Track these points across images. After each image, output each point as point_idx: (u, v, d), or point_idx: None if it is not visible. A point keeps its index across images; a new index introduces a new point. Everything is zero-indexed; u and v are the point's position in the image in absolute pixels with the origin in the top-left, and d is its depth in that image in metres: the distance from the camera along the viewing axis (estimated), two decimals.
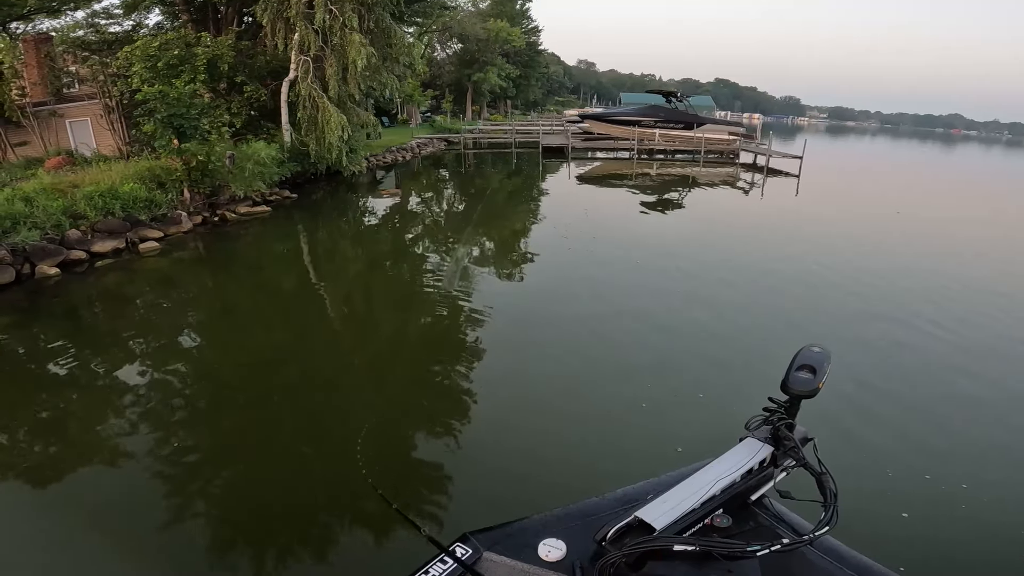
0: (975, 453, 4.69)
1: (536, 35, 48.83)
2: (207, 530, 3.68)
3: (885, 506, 3.86)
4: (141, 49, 14.12)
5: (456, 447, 4.61)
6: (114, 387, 5.59)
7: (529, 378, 5.93)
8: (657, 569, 0.99)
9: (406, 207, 16.73)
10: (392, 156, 24.55)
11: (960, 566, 3.47)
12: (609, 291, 8.72)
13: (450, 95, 40.00)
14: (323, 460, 4.45)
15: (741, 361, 6.15)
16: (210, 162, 11.95)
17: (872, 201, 20.09)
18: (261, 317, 7.95)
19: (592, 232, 12.66)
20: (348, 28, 14.08)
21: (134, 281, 9.31)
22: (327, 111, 14.59)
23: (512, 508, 0.97)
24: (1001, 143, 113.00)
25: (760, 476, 1.28)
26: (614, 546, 1.04)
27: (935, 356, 6.74)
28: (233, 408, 5.33)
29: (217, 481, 4.22)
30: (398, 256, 11.57)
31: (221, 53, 14.75)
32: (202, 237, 11.72)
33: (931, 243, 13.49)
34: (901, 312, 8.08)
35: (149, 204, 11.32)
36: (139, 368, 6.01)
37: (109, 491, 4.04)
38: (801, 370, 1.29)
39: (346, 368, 6.34)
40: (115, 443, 4.59)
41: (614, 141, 29.82)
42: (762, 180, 22.51)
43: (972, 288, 9.65)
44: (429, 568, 1.00)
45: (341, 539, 3.64)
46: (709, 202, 18.15)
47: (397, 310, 8.40)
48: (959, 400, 5.58)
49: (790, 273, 9.93)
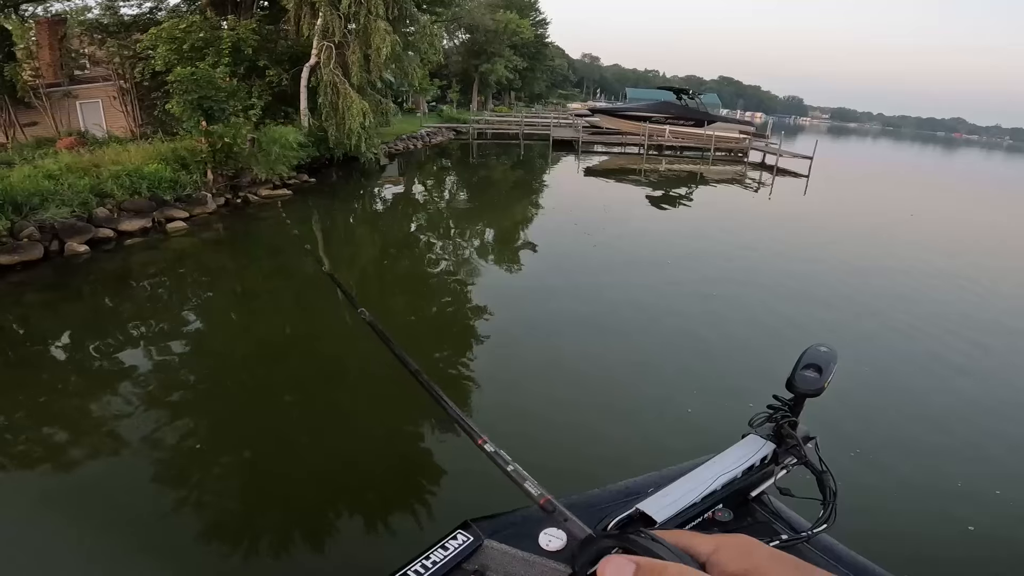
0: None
1: (544, 27, 48.61)
2: (207, 516, 3.70)
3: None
4: (167, 31, 14.12)
5: (456, 443, 4.50)
6: (136, 364, 5.61)
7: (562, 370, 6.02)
8: None
9: (424, 195, 16.83)
10: (403, 144, 24.57)
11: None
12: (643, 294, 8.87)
13: (457, 85, 39.85)
14: (327, 447, 4.46)
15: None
16: (235, 144, 11.99)
17: (884, 203, 20.28)
18: (278, 299, 8.00)
19: (614, 230, 12.70)
20: (374, 15, 14.07)
21: (163, 260, 9.40)
22: (349, 97, 14.62)
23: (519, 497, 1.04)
24: (1002, 148, 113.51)
25: (761, 473, 1.28)
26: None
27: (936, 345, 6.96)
28: (241, 394, 5.35)
29: (204, 465, 4.22)
30: (407, 244, 11.62)
31: (245, 37, 14.73)
32: (226, 218, 11.80)
33: (951, 245, 13.67)
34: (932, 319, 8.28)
35: (174, 184, 11.38)
36: (162, 347, 6.08)
37: (125, 473, 4.07)
38: (807, 369, 1.29)
39: (350, 356, 6.34)
40: (126, 420, 4.62)
41: (623, 136, 29.86)
42: (771, 179, 22.66)
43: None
44: (430, 554, 1.00)
45: (341, 528, 3.64)
46: (728, 200, 18.30)
47: (406, 296, 8.46)
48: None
49: (812, 274, 10.10)
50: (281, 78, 16.09)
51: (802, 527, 1.19)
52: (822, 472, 1.25)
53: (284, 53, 16.73)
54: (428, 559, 0.99)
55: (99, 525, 3.54)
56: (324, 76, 14.71)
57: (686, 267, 9.87)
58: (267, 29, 16.75)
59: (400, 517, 3.70)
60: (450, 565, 0.99)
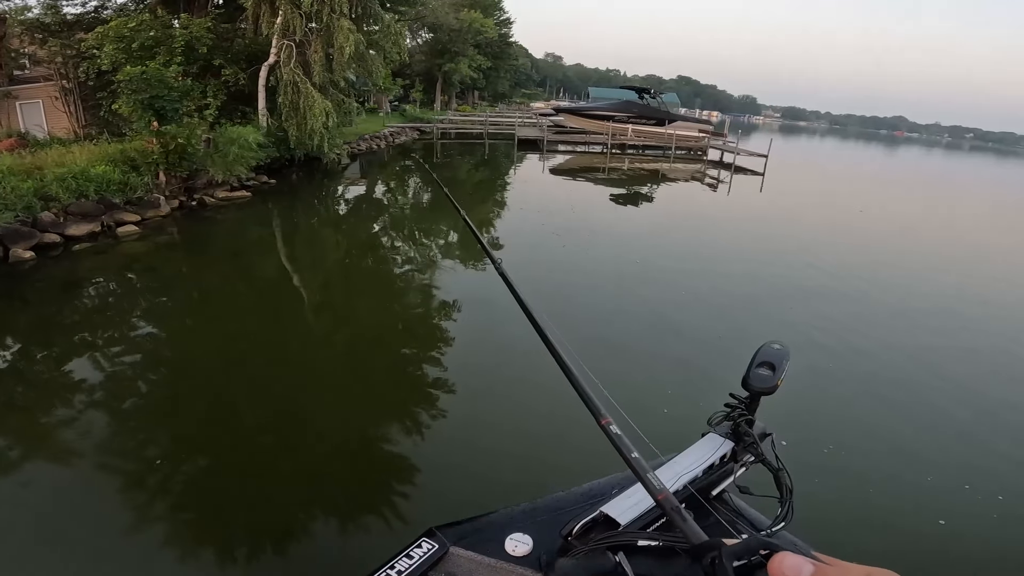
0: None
1: (508, 27, 48.70)
2: (170, 525, 3.60)
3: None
4: (115, 29, 13.52)
5: (435, 440, 4.58)
6: (89, 375, 5.38)
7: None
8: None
9: (387, 195, 16.62)
10: (366, 144, 24.21)
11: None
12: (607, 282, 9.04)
13: (420, 84, 39.50)
14: (290, 451, 4.39)
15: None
16: (189, 145, 11.58)
17: (836, 199, 21.24)
18: (238, 305, 7.78)
19: (582, 227, 12.89)
20: (337, 13, 13.80)
21: (114, 265, 8.99)
22: (311, 96, 14.30)
23: (484, 501, 1.03)
24: (941, 145, 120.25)
25: (721, 471, 1.29)
26: (580, 541, 1.04)
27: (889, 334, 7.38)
28: (203, 397, 5.21)
29: (169, 474, 4.10)
30: (378, 245, 11.50)
31: (199, 35, 14.24)
32: (181, 221, 11.37)
33: (901, 241, 14.45)
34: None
35: (123, 187, 10.91)
36: (117, 356, 5.85)
37: (71, 482, 3.94)
38: (761, 367, 1.31)
39: (320, 356, 6.27)
40: (83, 433, 4.45)
41: (587, 135, 30.22)
42: (729, 177, 23.38)
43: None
44: (395, 563, 0.98)
45: (305, 535, 3.59)
46: (689, 198, 18.78)
47: (373, 299, 8.36)
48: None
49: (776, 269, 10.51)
50: (238, 77, 15.60)
51: (762, 525, 1.21)
52: (778, 470, 1.27)
53: (241, 52, 16.24)
54: (393, 568, 0.97)
55: (53, 543, 3.38)
56: (284, 75, 14.34)
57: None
58: (223, 27, 16.21)
59: (365, 525, 3.67)
60: (416, 575, 0.98)
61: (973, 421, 5.34)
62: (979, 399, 5.82)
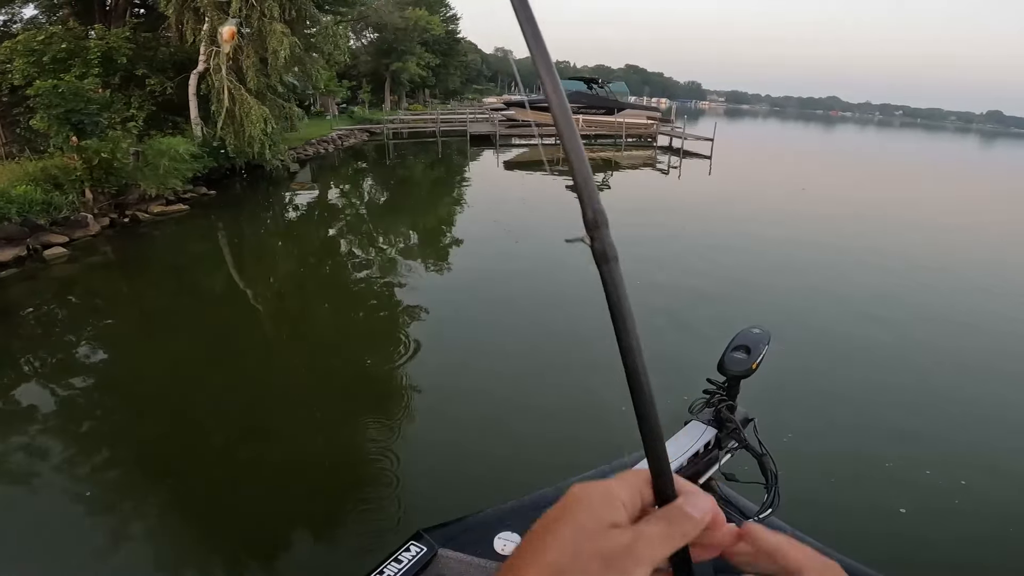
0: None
1: (455, 23, 48.16)
2: (146, 547, 3.47)
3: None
4: (23, 43, 12.68)
5: (408, 442, 4.54)
6: (39, 403, 5.09)
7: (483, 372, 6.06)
8: None
9: (339, 199, 16.22)
10: (313, 148, 23.51)
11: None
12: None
13: (367, 85, 38.66)
14: (262, 466, 4.28)
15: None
16: (115, 159, 10.95)
17: (780, 179, 21.99)
18: (188, 322, 7.37)
19: (537, 220, 12.90)
20: (268, 17, 13.29)
21: (46, 290, 8.43)
22: (247, 103, 13.74)
23: (470, 502, 1.01)
24: (873, 123, 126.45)
25: (706, 459, 1.28)
26: None
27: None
28: (162, 420, 4.95)
29: (138, 500, 3.93)
30: (326, 253, 11.15)
31: (117, 45, 13.47)
32: (114, 239, 10.76)
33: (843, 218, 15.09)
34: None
35: (47, 207, 10.22)
36: (65, 383, 5.54)
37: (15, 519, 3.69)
38: (737, 350, 1.30)
39: (280, 368, 6.07)
40: (37, 462, 4.22)
41: (539, 128, 30.28)
42: (679, 162, 23.90)
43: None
44: (383, 568, 0.96)
45: (289, 549, 3.52)
46: (640, 184, 19.08)
47: (331, 306, 8.16)
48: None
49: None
50: (165, 87, 14.87)
51: (750, 512, 1.20)
52: (762, 455, 1.25)
53: (167, 60, 15.46)
54: (382, 574, 0.95)
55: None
56: (216, 82, 13.73)
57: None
58: (144, 36, 15.40)
59: (348, 535, 3.62)
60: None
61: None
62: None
